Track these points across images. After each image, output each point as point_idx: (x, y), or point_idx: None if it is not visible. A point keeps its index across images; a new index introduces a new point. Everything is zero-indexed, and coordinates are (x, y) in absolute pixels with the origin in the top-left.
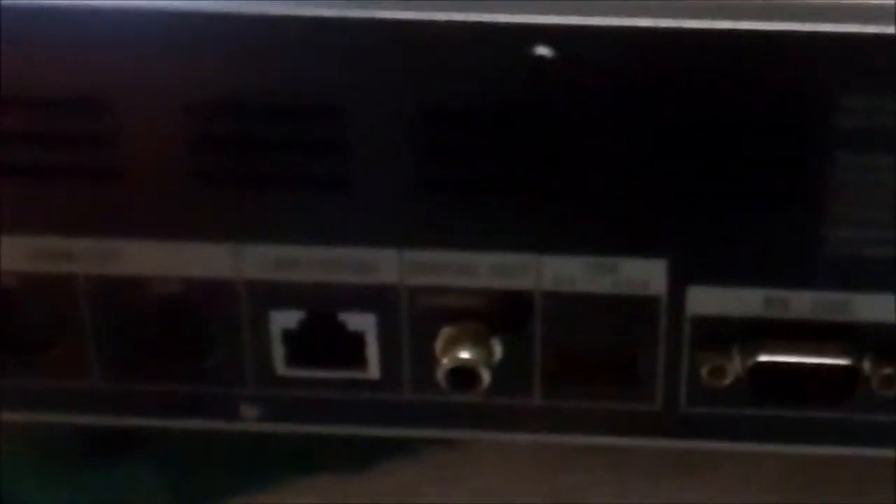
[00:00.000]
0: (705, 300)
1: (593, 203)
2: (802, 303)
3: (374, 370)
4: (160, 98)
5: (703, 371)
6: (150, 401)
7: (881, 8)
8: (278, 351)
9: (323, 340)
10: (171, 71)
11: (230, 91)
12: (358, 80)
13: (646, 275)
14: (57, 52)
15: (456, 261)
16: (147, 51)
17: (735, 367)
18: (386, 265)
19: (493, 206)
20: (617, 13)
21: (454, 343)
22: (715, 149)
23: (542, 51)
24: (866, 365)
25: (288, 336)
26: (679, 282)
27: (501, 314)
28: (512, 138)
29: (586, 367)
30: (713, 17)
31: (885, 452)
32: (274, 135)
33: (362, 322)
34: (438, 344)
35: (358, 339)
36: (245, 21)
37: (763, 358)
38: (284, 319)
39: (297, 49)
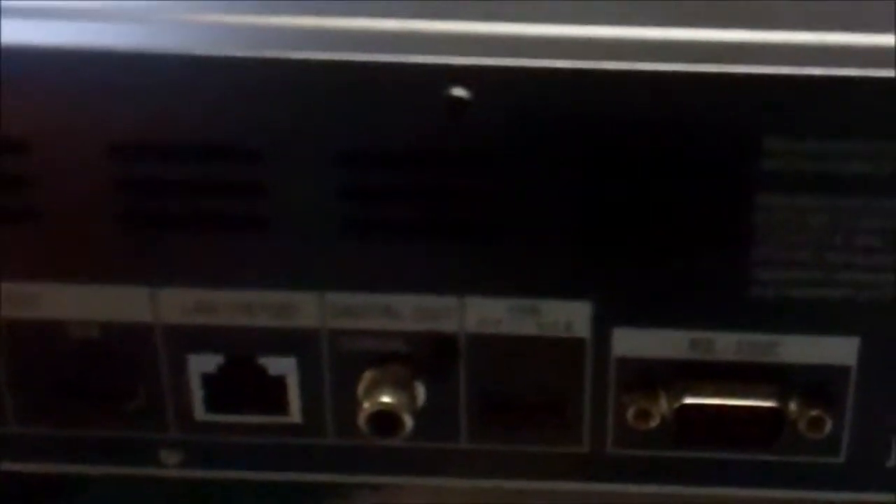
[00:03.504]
0: (631, 342)
1: (516, 245)
2: (728, 345)
3: (296, 414)
4: (78, 140)
5: (630, 414)
6: (69, 447)
7: (804, 50)
8: (198, 395)
9: (243, 385)
10: (90, 113)
11: (149, 133)
12: (276, 121)
13: (570, 317)
14: None
15: (378, 303)
16: (66, 92)
17: (661, 409)
18: (306, 308)
19: (415, 248)
20: (533, 54)
21: (377, 387)
22: (638, 190)
23: (459, 92)
24: (793, 407)
25: (207, 380)
26: (604, 324)
27: (425, 357)
28: (432, 180)
29: (512, 410)
30: (633, 58)
31: (813, 495)
32: (193, 177)
33: (283, 366)
34: (361, 388)
35: (279, 384)
36: (164, 62)
37: (689, 400)
38: (204, 363)
39: (216, 91)
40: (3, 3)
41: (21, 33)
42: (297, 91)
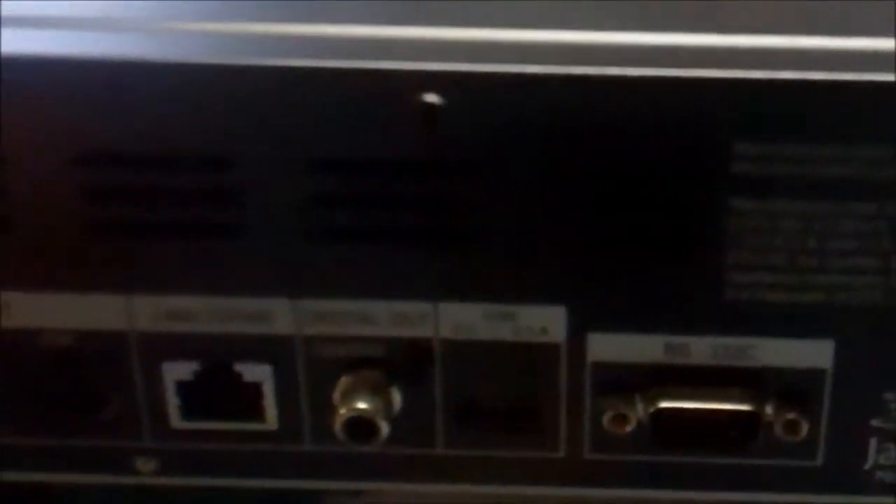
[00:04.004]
0: (606, 347)
1: (491, 250)
2: (703, 348)
3: (272, 421)
4: (50, 148)
5: (605, 418)
6: (44, 455)
7: (773, 54)
8: (173, 403)
9: (219, 392)
10: (62, 121)
11: (122, 142)
12: (249, 128)
13: (545, 322)
14: None
15: (353, 309)
16: (37, 101)
17: (637, 413)
18: (281, 315)
19: (390, 253)
20: (506, 60)
21: (352, 393)
22: (612, 195)
23: (431, 98)
24: (769, 410)
25: (183, 388)
26: (579, 329)
27: (400, 363)
28: (406, 186)
29: (488, 416)
30: (605, 63)
31: (791, 498)
32: (165, 185)
33: (258, 372)
34: (337, 394)
35: (255, 390)
36: (136, 70)
37: (665, 404)
38: (179, 371)
39: (188, 98)
40: None
41: None
42: (270, 98)
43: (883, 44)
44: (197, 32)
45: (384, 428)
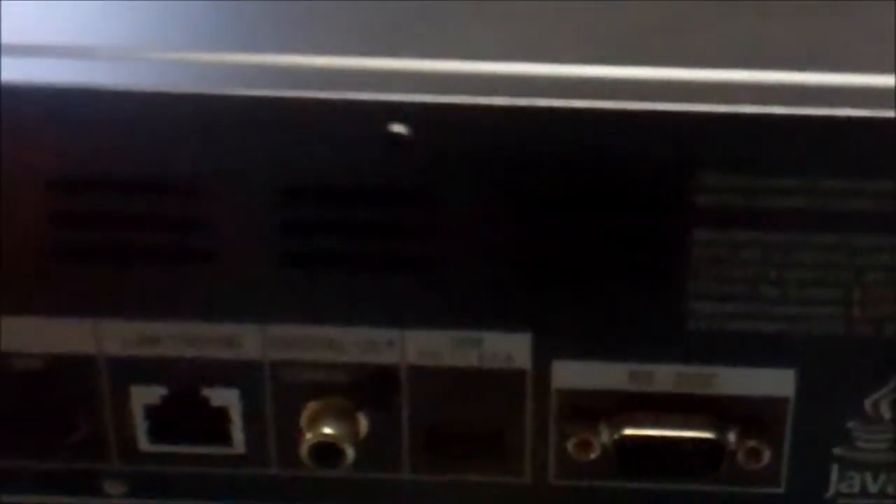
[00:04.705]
0: (571, 374)
1: (457, 278)
2: (667, 376)
3: (239, 445)
4: (22, 174)
5: (570, 444)
6: (13, 478)
7: (736, 87)
8: (141, 426)
9: (187, 416)
10: (33, 147)
11: (92, 167)
12: (218, 156)
13: (511, 349)
14: None
15: (320, 335)
16: (9, 127)
17: (602, 440)
18: (249, 340)
19: (357, 280)
20: (472, 91)
21: (319, 418)
22: (577, 224)
23: (398, 128)
24: (731, 438)
25: (151, 411)
26: (544, 356)
27: (367, 389)
28: (373, 215)
29: (454, 441)
30: (569, 95)
31: None
32: (136, 210)
33: (226, 397)
34: (304, 419)
35: (222, 415)
36: (107, 97)
37: (629, 431)
38: (147, 395)
39: (159, 126)
40: None
41: None
42: (239, 127)
43: (844, 79)
44: (168, 61)
45: (350, 453)
